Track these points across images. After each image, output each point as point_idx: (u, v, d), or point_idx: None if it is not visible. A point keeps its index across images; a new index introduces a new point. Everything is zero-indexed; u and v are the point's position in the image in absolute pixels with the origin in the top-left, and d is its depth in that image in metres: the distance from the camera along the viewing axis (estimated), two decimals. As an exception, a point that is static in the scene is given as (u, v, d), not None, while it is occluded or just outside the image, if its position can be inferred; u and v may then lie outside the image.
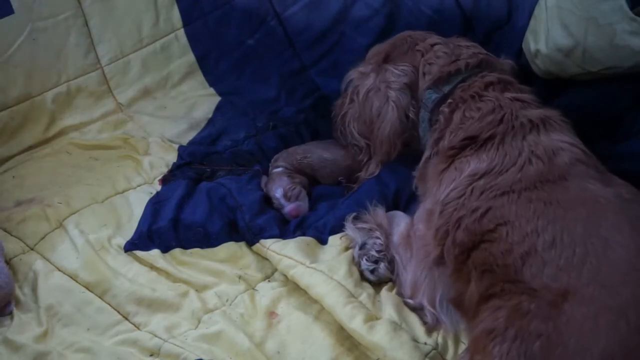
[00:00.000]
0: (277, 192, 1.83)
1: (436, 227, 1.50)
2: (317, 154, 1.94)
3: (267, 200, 1.84)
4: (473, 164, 1.49)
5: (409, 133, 1.75)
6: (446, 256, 1.48)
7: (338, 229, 1.71)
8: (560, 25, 1.78)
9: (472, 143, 1.54)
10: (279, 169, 1.90)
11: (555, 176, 1.42)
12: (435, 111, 1.67)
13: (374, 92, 1.74)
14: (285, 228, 1.74)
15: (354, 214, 1.70)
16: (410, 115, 1.71)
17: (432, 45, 1.74)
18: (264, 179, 1.91)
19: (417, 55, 1.74)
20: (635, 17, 1.67)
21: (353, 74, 1.84)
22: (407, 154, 1.79)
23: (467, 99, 1.62)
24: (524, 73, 2.01)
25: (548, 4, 1.82)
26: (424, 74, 1.71)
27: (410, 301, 1.53)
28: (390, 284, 1.60)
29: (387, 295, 1.56)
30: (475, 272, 1.40)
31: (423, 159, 1.69)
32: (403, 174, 1.78)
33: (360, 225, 1.67)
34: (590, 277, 1.25)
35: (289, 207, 1.81)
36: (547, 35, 1.82)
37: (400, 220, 1.68)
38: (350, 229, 1.68)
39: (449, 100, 1.64)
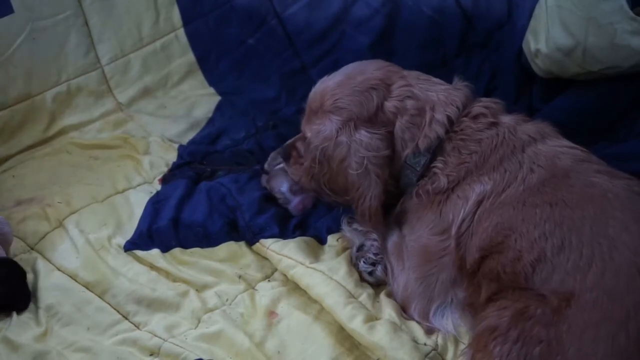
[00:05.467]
0: (283, 187, 1.81)
1: (452, 260, 1.48)
2: None
3: (267, 199, 1.84)
4: (477, 188, 1.47)
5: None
6: (464, 274, 1.48)
7: (337, 229, 1.71)
8: (561, 25, 1.78)
9: (473, 171, 1.50)
10: (282, 165, 1.89)
11: (558, 176, 1.41)
12: (427, 171, 1.57)
13: (351, 164, 1.55)
14: (285, 227, 1.74)
15: (349, 215, 1.70)
16: (390, 188, 1.60)
17: (402, 100, 1.56)
18: (263, 177, 1.91)
19: (389, 116, 1.56)
20: (635, 16, 1.67)
21: (314, 136, 1.62)
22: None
23: (459, 144, 1.53)
24: (525, 73, 2.02)
25: (548, 3, 1.82)
26: (404, 140, 1.56)
27: (403, 314, 1.52)
28: (389, 287, 1.60)
29: (386, 297, 1.56)
30: (484, 280, 1.41)
31: (403, 199, 1.61)
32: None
33: (356, 226, 1.67)
34: (595, 281, 1.24)
35: (295, 201, 1.80)
36: (547, 35, 1.82)
37: (394, 227, 1.65)
38: (347, 230, 1.68)
39: (440, 158, 1.54)
